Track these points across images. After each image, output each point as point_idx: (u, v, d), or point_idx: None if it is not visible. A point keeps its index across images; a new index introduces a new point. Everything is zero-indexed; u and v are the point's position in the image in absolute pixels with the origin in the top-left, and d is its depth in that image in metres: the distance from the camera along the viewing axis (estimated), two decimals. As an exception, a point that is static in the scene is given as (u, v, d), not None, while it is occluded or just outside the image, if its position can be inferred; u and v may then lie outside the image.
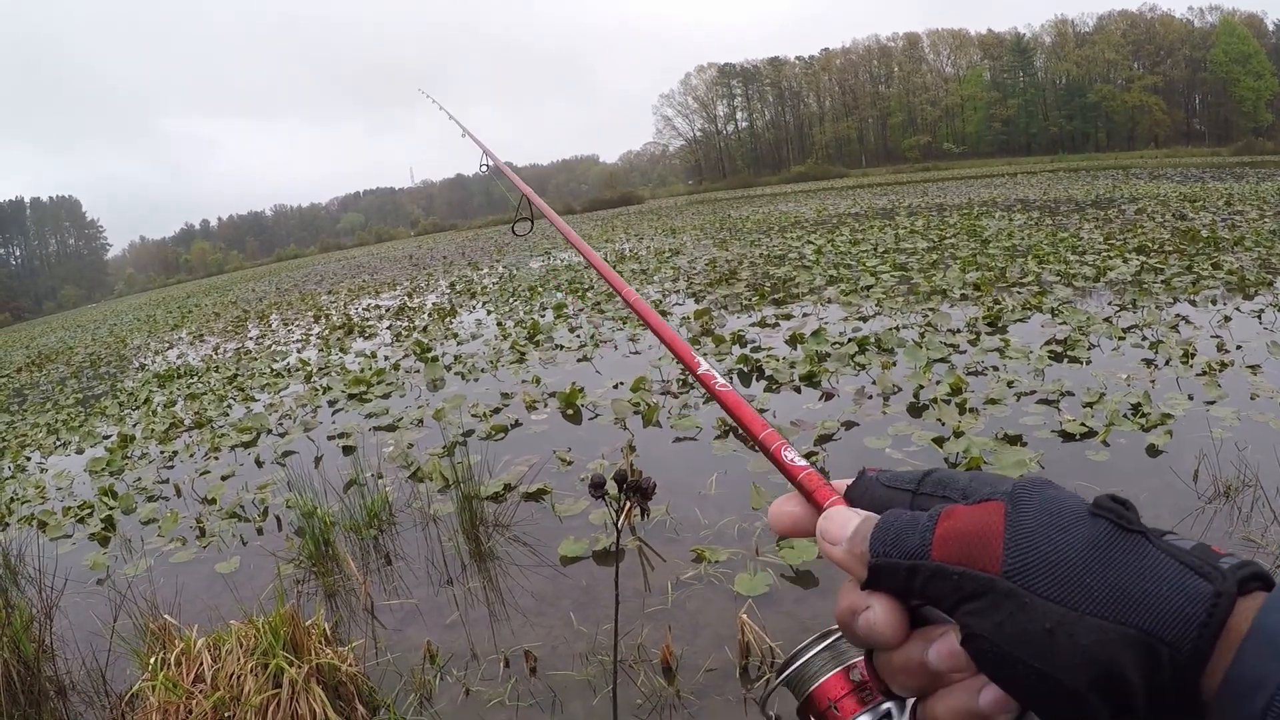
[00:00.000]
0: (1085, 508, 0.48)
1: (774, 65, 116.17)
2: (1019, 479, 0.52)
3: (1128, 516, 0.46)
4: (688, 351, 0.84)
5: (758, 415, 0.70)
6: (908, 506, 0.55)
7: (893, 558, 0.50)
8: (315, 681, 3.16)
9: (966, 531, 0.49)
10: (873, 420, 6.04)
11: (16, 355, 28.36)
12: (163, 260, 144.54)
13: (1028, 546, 0.46)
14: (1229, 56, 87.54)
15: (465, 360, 10.06)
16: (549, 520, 5.07)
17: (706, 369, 0.79)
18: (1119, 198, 25.18)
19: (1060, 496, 0.49)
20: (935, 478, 0.56)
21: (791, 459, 0.64)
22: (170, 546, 5.56)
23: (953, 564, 0.48)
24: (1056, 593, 0.44)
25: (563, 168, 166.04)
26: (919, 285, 11.46)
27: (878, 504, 0.56)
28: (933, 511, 0.51)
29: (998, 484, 0.52)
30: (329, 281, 33.28)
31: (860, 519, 0.54)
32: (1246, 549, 3.76)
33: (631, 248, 24.36)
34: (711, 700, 3.20)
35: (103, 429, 10.06)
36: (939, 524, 0.50)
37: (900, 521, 0.52)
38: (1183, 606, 0.42)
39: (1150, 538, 0.45)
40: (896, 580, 0.51)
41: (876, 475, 0.59)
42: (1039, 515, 0.48)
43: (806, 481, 0.62)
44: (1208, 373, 6.21)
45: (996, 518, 0.48)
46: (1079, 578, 0.44)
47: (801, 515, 0.61)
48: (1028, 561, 0.46)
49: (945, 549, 0.49)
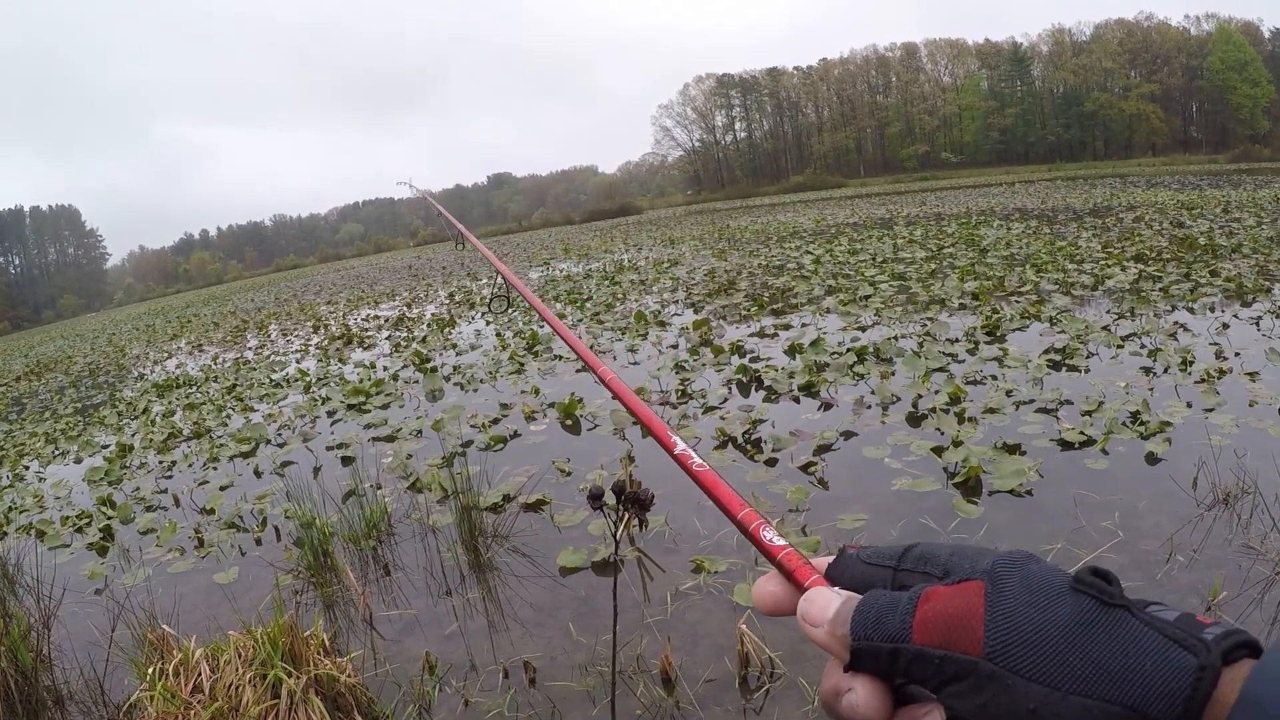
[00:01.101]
0: (1066, 583, 0.48)
1: (772, 75, 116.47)
2: (999, 555, 0.52)
3: (1110, 591, 0.46)
4: (663, 430, 0.84)
5: (735, 495, 0.71)
6: (889, 584, 0.55)
7: (874, 641, 0.50)
8: (314, 692, 3.15)
9: (947, 614, 0.49)
10: (871, 430, 6.04)
11: (15, 364, 28.33)
12: (162, 270, 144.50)
13: (1008, 627, 0.46)
14: (1225, 64, 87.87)
15: (464, 371, 10.06)
16: (548, 531, 5.06)
17: (684, 449, 0.80)
18: (1117, 206, 25.21)
19: (1040, 572, 0.49)
20: (916, 553, 0.56)
21: (770, 539, 0.65)
22: (169, 556, 5.55)
23: (934, 647, 0.48)
24: (1039, 673, 0.44)
25: (561, 178, 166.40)
26: (917, 295, 11.46)
27: (859, 582, 0.57)
28: (913, 593, 0.51)
29: (978, 559, 0.52)
30: (328, 292, 33.27)
31: (841, 600, 0.54)
32: (1246, 556, 3.76)
33: (630, 258, 24.36)
34: (710, 711, 3.19)
35: (101, 438, 10.05)
36: (919, 606, 0.50)
37: (880, 604, 0.52)
38: (1168, 681, 0.42)
39: (1133, 610, 0.45)
40: (879, 663, 0.51)
41: (857, 553, 0.59)
42: (1019, 594, 0.48)
43: (786, 561, 0.62)
44: (1206, 380, 6.21)
45: (976, 599, 0.48)
46: (1061, 656, 0.44)
47: (782, 595, 0.61)
48: (1009, 642, 0.46)
49: (926, 632, 0.49)
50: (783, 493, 5.07)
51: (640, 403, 0.91)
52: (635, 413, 0.90)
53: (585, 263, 25.03)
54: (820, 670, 2.55)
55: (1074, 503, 4.49)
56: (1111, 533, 4.12)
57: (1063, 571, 0.49)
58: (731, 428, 6.29)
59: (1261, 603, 3.39)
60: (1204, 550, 3.87)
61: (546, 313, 1.27)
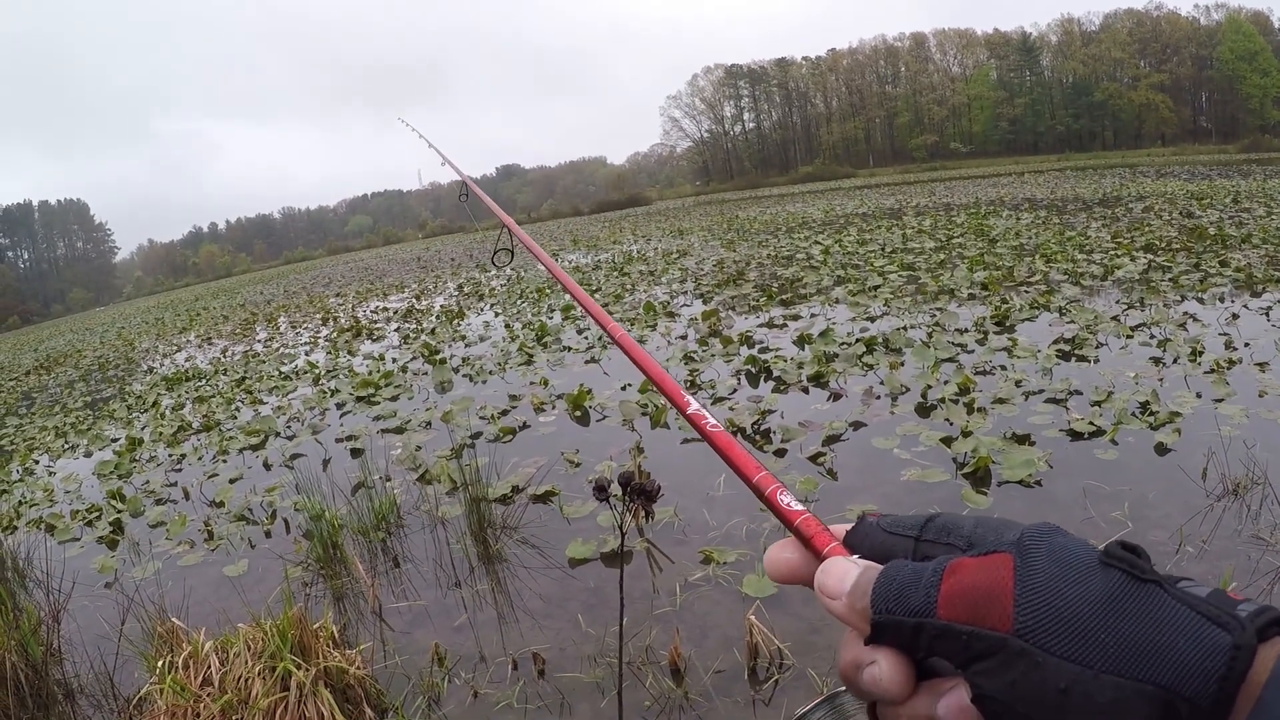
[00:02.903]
0: (1096, 557, 0.46)
1: (781, 66, 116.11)
2: (1027, 527, 0.50)
3: (1140, 565, 0.44)
4: (676, 390, 0.81)
5: (751, 458, 0.67)
6: (910, 554, 0.53)
7: (896, 615, 0.49)
8: (323, 684, 3.16)
9: (975, 588, 0.47)
10: (881, 420, 6.03)
11: (25, 358, 28.44)
12: (171, 263, 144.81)
13: (1039, 603, 0.45)
14: (1235, 54, 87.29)
15: (473, 362, 10.07)
16: (557, 522, 5.07)
17: (696, 408, 0.76)
18: (1126, 196, 25.09)
19: (1069, 545, 0.47)
20: (939, 524, 0.54)
21: (788, 504, 0.61)
22: (178, 549, 5.57)
23: (961, 623, 0.46)
24: (1071, 650, 0.43)
25: (570, 169, 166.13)
26: (926, 285, 11.44)
27: (878, 551, 0.55)
28: (937, 564, 0.49)
29: (1003, 531, 0.50)
30: (337, 284, 33.33)
31: (859, 570, 0.52)
32: (1255, 547, 3.75)
33: (639, 249, 24.35)
34: (719, 702, 3.19)
35: (111, 432, 10.10)
36: (945, 579, 0.48)
37: (903, 575, 0.50)
38: (1202, 660, 0.40)
39: (1165, 586, 0.44)
40: (901, 637, 0.49)
41: (877, 520, 0.57)
42: (1049, 568, 0.46)
43: (804, 527, 0.59)
44: (1216, 370, 6.19)
45: (1005, 572, 0.47)
46: (1093, 634, 0.43)
47: (799, 563, 0.58)
48: (1040, 619, 0.44)
49: (952, 607, 0.47)
50: (792, 483, 5.04)
51: (652, 361, 0.88)
52: (646, 371, 0.87)
53: (594, 254, 25.03)
54: (830, 661, 2.54)
55: (1083, 493, 4.47)
56: (1121, 523, 4.10)
57: (1091, 545, 0.47)
58: (741, 418, 6.28)
59: (1271, 594, 3.38)
60: (1213, 541, 3.86)
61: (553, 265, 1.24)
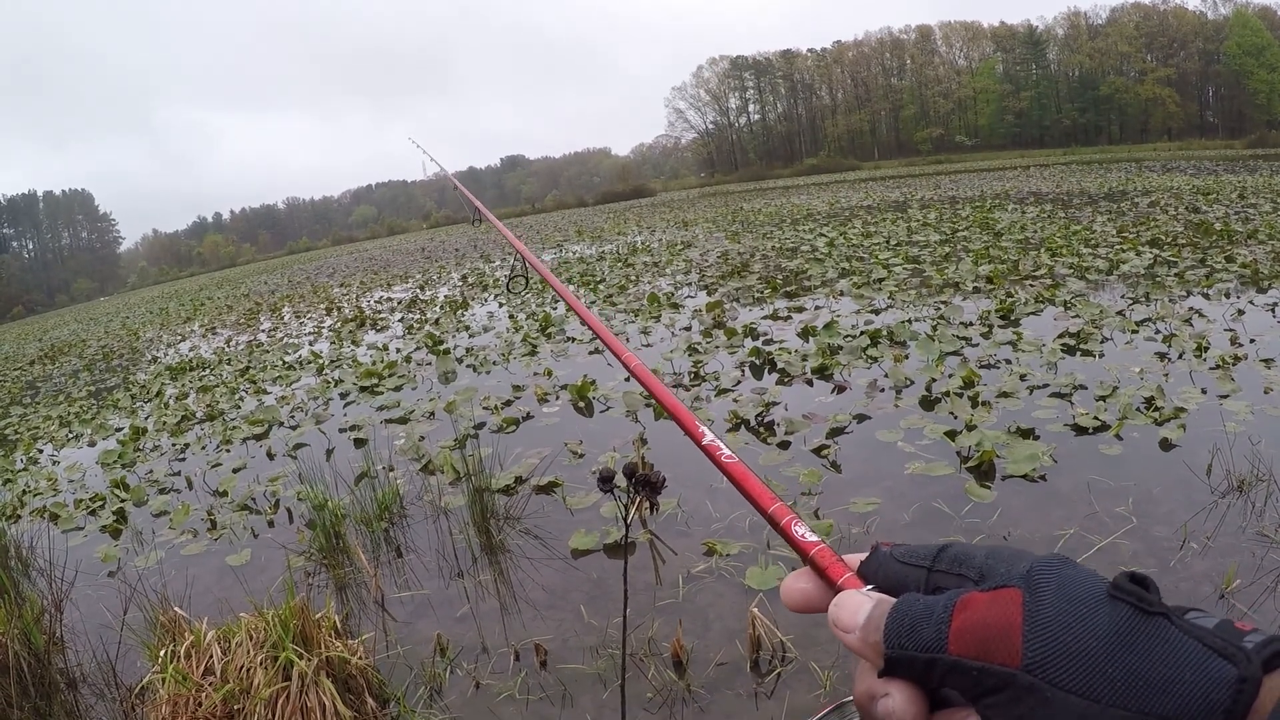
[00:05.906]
0: (1104, 590, 0.47)
1: (786, 58, 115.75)
2: (1036, 560, 0.51)
3: (1148, 598, 0.45)
4: (691, 420, 0.83)
5: (766, 489, 0.69)
6: (923, 584, 0.54)
7: (909, 650, 0.50)
8: (325, 674, 3.16)
9: (984, 624, 0.48)
10: (885, 413, 6.02)
11: (29, 348, 28.49)
12: (175, 253, 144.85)
13: (1048, 638, 0.45)
14: (1242, 49, 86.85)
15: (477, 353, 10.08)
16: (560, 513, 5.07)
17: (712, 439, 0.78)
18: (1132, 190, 25.01)
19: (1078, 578, 0.48)
20: (951, 554, 0.55)
21: (803, 535, 0.63)
22: (181, 539, 5.58)
23: (971, 658, 0.47)
24: (1078, 685, 0.44)
25: (575, 160, 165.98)
26: (931, 278, 11.42)
27: (891, 581, 0.56)
28: (948, 599, 0.50)
29: (1014, 562, 0.51)
30: (341, 274, 33.33)
31: (873, 604, 0.53)
32: (1260, 544, 3.74)
33: (644, 240, 24.32)
34: (722, 694, 3.19)
35: (115, 421, 10.11)
36: (955, 615, 0.49)
37: (915, 610, 0.51)
38: (1208, 693, 0.41)
39: (1172, 618, 0.44)
40: (914, 671, 0.50)
41: (890, 550, 0.58)
42: (1057, 603, 0.47)
43: (819, 558, 0.61)
44: (1221, 366, 6.17)
45: (1014, 608, 0.47)
46: (1101, 668, 0.43)
47: (814, 593, 0.60)
48: (1048, 654, 0.45)
49: (962, 643, 0.48)
50: (795, 475, 5.05)
51: (666, 390, 0.89)
52: (661, 401, 0.88)
53: (598, 245, 25.01)
54: (834, 653, 2.54)
55: (1087, 488, 4.47)
56: (1125, 518, 4.09)
57: (1100, 577, 0.48)
58: (744, 410, 6.27)
59: (1275, 591, 3.37)
60: (1217, 537, 3.85)
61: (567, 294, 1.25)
